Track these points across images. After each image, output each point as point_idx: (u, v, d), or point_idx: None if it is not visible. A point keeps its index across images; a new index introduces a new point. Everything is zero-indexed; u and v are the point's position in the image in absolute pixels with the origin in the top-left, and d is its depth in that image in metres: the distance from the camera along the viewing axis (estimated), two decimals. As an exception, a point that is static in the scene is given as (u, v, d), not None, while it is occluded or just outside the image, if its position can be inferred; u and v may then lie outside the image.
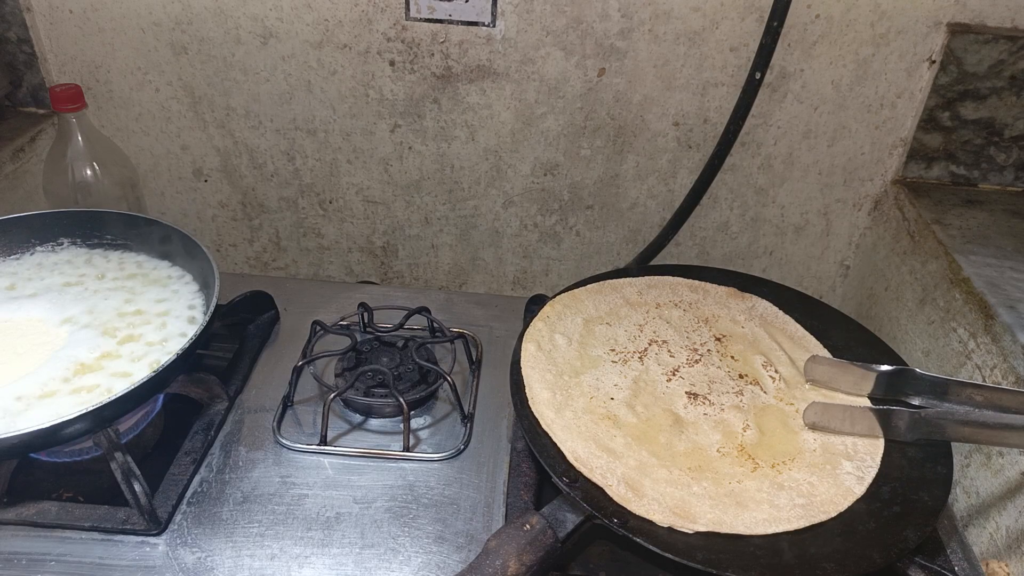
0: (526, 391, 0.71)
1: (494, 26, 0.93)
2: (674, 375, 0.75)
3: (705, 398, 0.72)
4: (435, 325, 0.84)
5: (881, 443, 0.68)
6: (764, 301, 0.85)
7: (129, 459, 0.63)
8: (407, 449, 0.73)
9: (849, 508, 0.62)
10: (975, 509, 0.72)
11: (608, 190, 1.06)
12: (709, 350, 0.78)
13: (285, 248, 1.16)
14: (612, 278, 0.87)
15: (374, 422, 0.77)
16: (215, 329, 0.81)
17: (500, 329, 0.91)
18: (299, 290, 0.95)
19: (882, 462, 0.66)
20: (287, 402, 0.78)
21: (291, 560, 0.63)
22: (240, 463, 0.71)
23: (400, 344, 0.84)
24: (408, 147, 1.04)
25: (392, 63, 0.97)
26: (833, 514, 0.61)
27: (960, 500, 0.74)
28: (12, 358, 0.69)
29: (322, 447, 0.73)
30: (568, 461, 0.64)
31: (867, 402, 0.73)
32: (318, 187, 1.09)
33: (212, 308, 0.71)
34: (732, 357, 0.77)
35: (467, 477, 0.71)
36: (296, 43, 0.97)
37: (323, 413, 0.73)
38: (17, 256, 0.83)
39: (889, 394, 0.72)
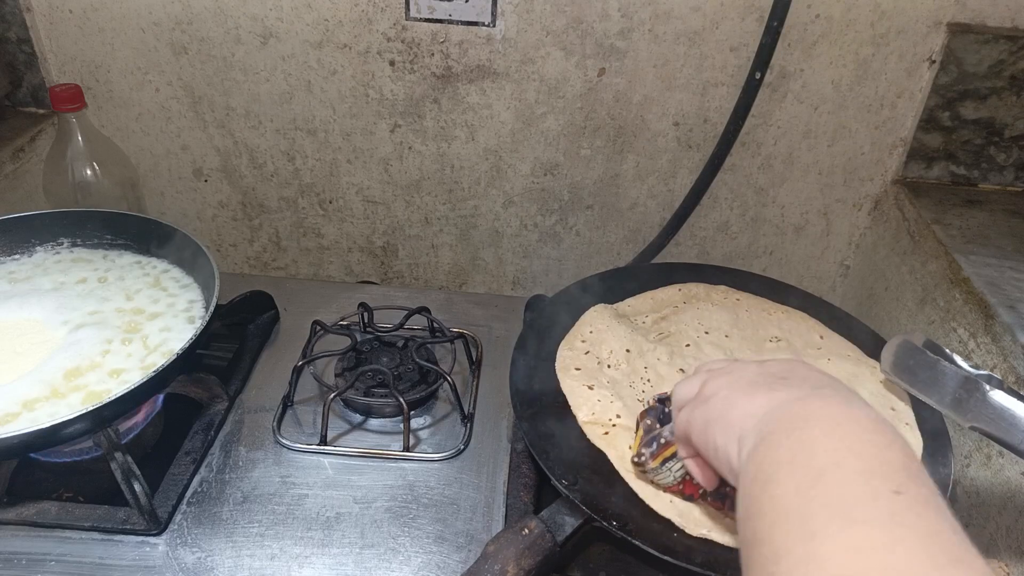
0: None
1: (494, 26, 0.93)
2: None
3: None
4: (435, 325, 0.84)
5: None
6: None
7: (129, 459, 0.63)
8: (407, 449, 0.73)
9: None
10: (975, 509, 0.72)
11: (608, 190, 1.06)
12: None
13: (285, 248, 1.16)
14: (612, 277, 0.87)
15: (374, 422, 0.77)
16: (215, 329, 0.80)
17: (500, 329, 0.91)
18: (299, 290, 0.95)
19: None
20: (287, 402, 0.78)
21: (291, 560, 0.63)
22: (240, 463, 0.71)
23: (400, 344, 0.84)
24: (408, 147, 1.04)
25: (392, 63, 0.97)
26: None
27: (960, 500, 0.74)
28: (11, 358, 0.69)
29: (322, 447, 0.73)
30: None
31: None
32: (318, 187, 1.09)
33: (212, 308, 0.71)
34: None
35: (467, 477, 0.72)
36: (296, 43, 0.96)
37: (323, 413, 0.73)
38: (17, 256, 0.83)
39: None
